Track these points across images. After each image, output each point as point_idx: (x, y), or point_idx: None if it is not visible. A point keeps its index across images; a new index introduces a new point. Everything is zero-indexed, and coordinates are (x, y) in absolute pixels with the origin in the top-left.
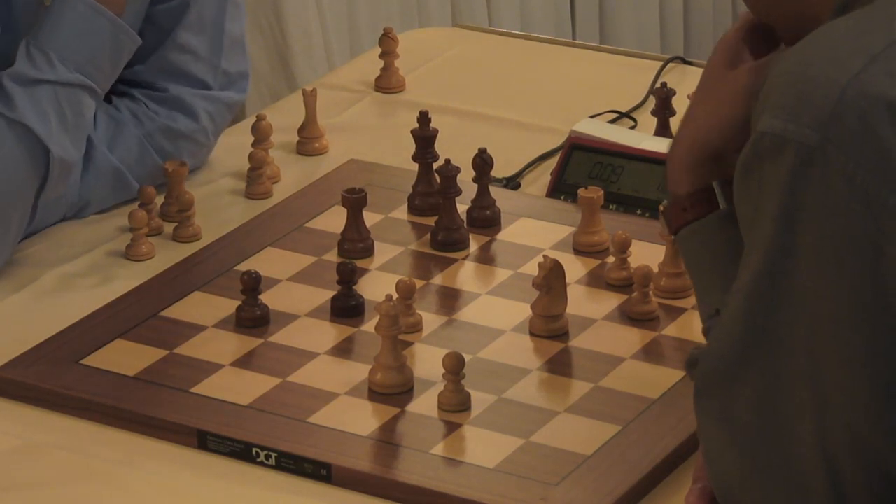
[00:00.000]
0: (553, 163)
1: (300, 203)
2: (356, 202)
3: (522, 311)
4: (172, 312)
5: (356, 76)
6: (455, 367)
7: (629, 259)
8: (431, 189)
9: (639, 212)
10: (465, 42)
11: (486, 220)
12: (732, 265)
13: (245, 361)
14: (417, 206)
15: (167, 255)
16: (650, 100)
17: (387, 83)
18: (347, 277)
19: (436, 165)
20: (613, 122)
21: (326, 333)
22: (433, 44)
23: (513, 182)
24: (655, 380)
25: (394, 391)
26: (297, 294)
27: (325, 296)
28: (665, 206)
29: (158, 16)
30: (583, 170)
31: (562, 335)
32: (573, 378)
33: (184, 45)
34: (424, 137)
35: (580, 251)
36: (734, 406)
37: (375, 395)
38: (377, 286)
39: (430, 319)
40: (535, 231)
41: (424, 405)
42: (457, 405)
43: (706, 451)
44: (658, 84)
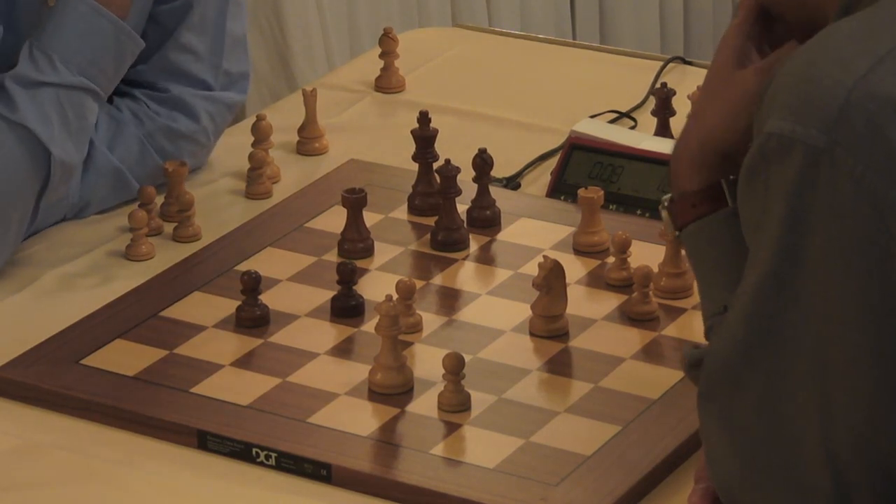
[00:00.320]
0: (553, 163)
1: (300, 203)
2: (356, 202)
3: (522, 312)
4: (172, 312)
5: (356, 76)
6: (455, 368)
7: (629, 259)
8: (431, 189)
9: (639, 212)
10: (465, 42)
11: (486, 221)
12: (738, 263)
13: (245, 361)
14: (417, 207)
15: (167, 256)
16: (650, 100)
17: (387, 83)
18: (347, 277)
19: (436, 165)
20: (613, 123)
21: (326, 333)
22: (433, 44)
23: (513, 182)
24: (655, 380)
25: (394, 391)
26: (297, 294)
27: (325, 296)
28: (669, 202)
29: (161, 16)
30: (583, 170)
31: (562, 335)
32: (573, 378)
33: (186, 46)
34: (424, 137)
35: (580, 251)
36: (737, 407)
37: (375, 396)
38: (377, 286)
39: (430, 319)
40: (535, 231)
41: (424, 405)
42: (457, 405)
43: (708, 452)
44: (658, 84)
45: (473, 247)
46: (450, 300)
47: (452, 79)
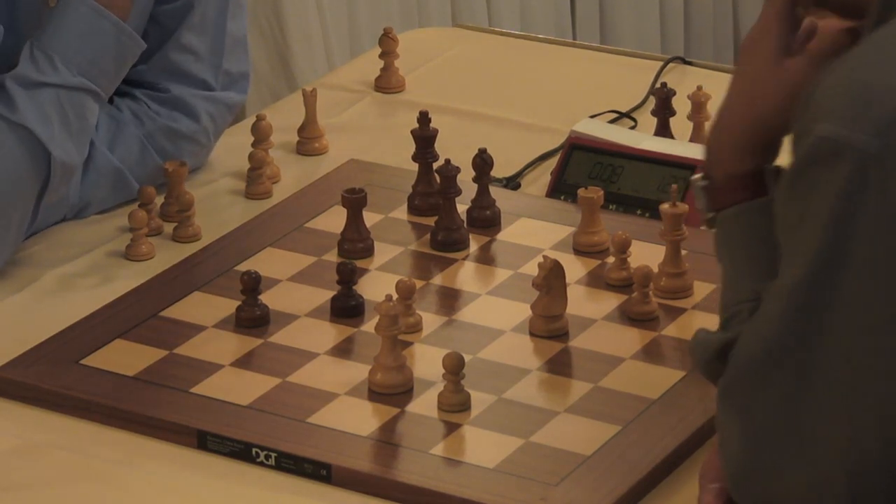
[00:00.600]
0: (553, 163)
1: (300, 203)
2: (356, 202)
3: (522, 312)
4: (172, 312)
5: (356, 76)
6: (455, 368)
7: (629, 259)
8: (431, 189)
9: (639, 212)
10: (465, 42)
11: (486, 221)
12: (772, 255)
13: (245, 361)
14: (417, 207)
15: (167, 256)
16: (650, 100)
17: (386, 83)
18: (347, 277)
19: (435, 165)
20: (613, 123)
21: (326, 333)
22: (433, 44)
23: (513, 182)
24: (655, 380)
25: (393, 391)
26: (297, 294)
27: (325, 296)
28: (706, 184)
29: (162, 16)
30: (583, 170)
31: (562, 335)
32: (573, 378)
33: (186, 46)
34: (424, 137)
35: (580, 251)
36: (760, 403)
37: (375, 396)
38: (377, 286)
39: (430, 319)
40: (535, 231)
41: (424, 405)
42: (456, 405)
43: (723, 444)
44: (658, 84)
45: (473, 247)
46: (450, 300)
47: (452, 79)
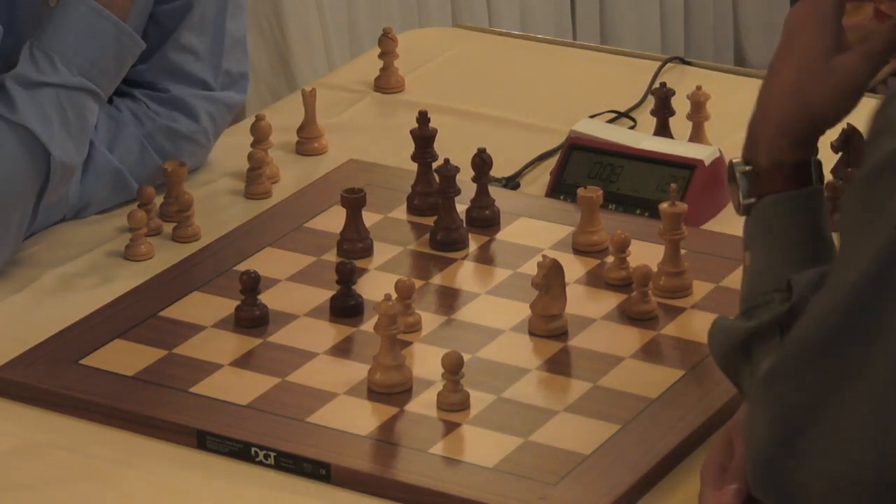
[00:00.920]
0: (552, 163)
1: (299, 203)
2: (355, 202)
3: (521, 311)
4: (171, 312)
5: (356, 76)
6: (454, 367)
7: (628, 258)
8: (430, 189)
9: (638, 211)
10: (465, 42)
11: (486, 220)
12: (810, 245)
13: (244, 361)
14: (416, 206)
15: (166, 256)
16: (649, 100)
17: (386, 83)
18: (346, 277)
19: (435, 165)
20: (612, 122)
21: (325, 333)
22: (433, 44)
23: (512, 182)
24: (654, 379)
25: (393, 391)
26: (297, 294)
27: (325, 296)
28: (749, 169)
29: (161, 16)
30: (582, 170)
31: (561, 335)
32: (572, 377)
33: (185, 46)
34: (423, 137)
35: (579, 251)
36: (800, 392)
37: (374, 395)
38: (376, 286)
39: (429, 319)
40: (535, 231)
41: (423, 404)
42: (456, 404)
43: (752, 429)
44: (656, 84)
45: (472, 246)
46: (449, 300)
47: (452, 79)
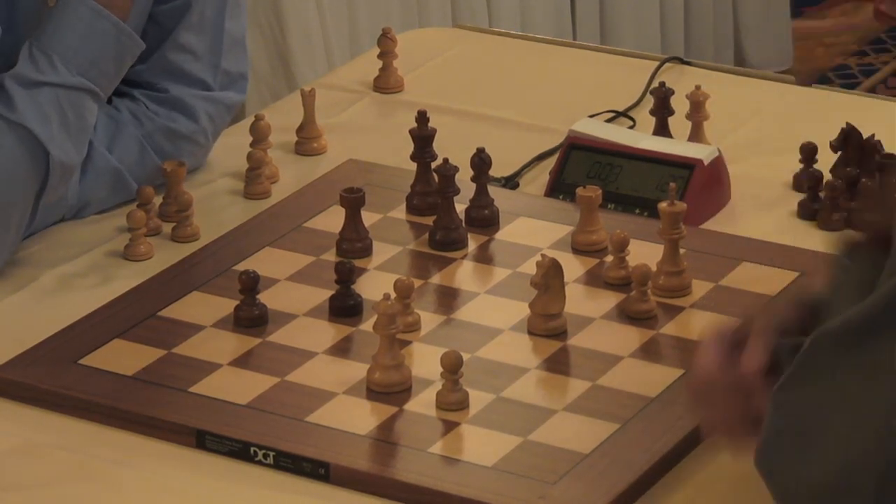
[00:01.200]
0: (551, 162)
1: (299, 203)
2: (354, 202)
3: (521, 310)
4: (171, 312)
5: (355, 76)
6: (453, 366)
7: (627, 258)
8: (430, 189)
9: (637, 211)
10: (465, 42)
11: (485, 220)
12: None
13: (243, 361)
14: (416, 206)
15: (166, 255)
16: (649, 99)
17: (385, 83)
18: (346, 277)
19: (434, 165)
20: (612, 122)
21: (325, 333)
22: (433, 44)
23: (511, 182)
24: (653, 378)
25: (392, 390)
26: (296, 294)
27: (324, 295)
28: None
29: (160, 16)
30: (581, 169)
31: (560, 334)
32: (571, 377)
33: (184, 45)
34: (423, 137)
35: (578, 250)
36: (820, 379)
37: (373, 394)
38: (375, 286)
39: (429, 318)
40: (534, 230)
41: (422, 404)
42: (455, 404)
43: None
44: (654, 84)
45: (472, 246)
46: (448, 299)
47: (452, 79)
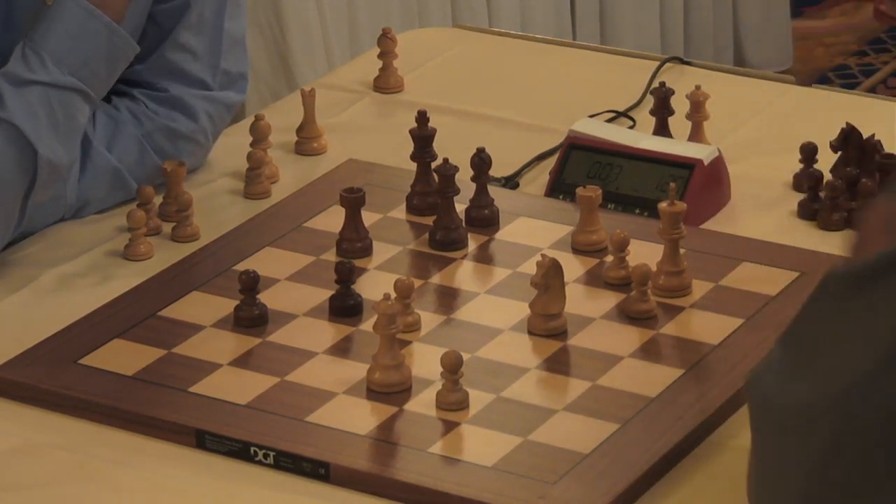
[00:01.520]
0: (551, 162)
1: (299, 203)
2: (354, 202)
3: (521, 310)
4: (171, 312)
5: (355, 76)
6: (453, 366)
7: (627, 258)
8: (430, 188)
9: (637, 211)
10: (465, 42)
11: (485, 220)
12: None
13: (243, 361)
14: (416, 206)
15: (166, 255)
16: (649, 99)
17: (385, 83)
18: (346, 277)
19: (434, 165)
20: (612, 122)
21: (325, 333)
22: (433, 44)
23: (511, 181)
24: (653, 378)
25: (392, 390)
26: (296, 293)
27: (324, 295)
28: None
29: (159, 15)
30: (581, 169)
31: (560, 334)
32: (571, 376)
33: (184, 45)
34: (423, 137)
35: (578, 250)
36: (838, 307)
37: (373, 394)
38: (375, 286)
39: (429, 318)
40: (534, 230)
41: (422, 404)
42: (455, 404)
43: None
44: (654, 84)
45: (472, 246)
46: (448, 299)
47: (451, 79)
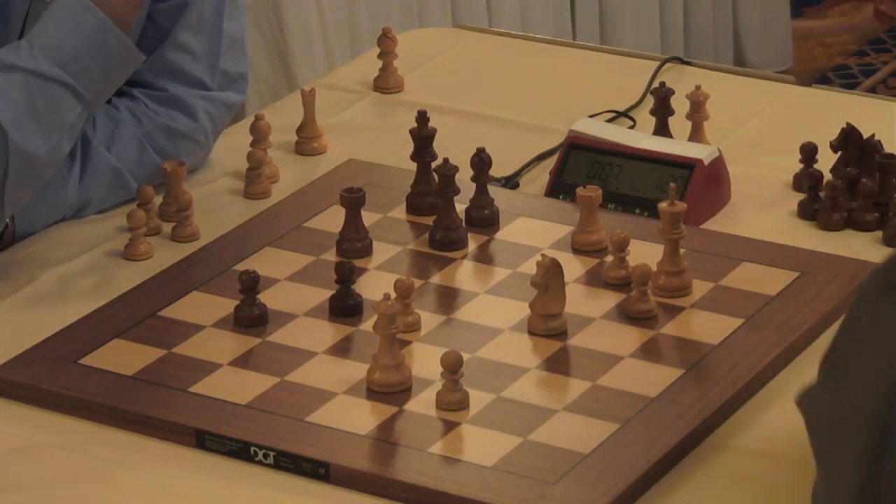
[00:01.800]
0: (551, 162)
1: (299, 203)
2: (355, 202)
3: (521, 310)
4: (171, 312)
5: (355, 76)
6: (453, 366)
7: (627, 258)
8: (430, 188)
9: (637, 211)
10: (465, 42)
11: (485, 220)
12: None
13: (243, 361)
14: (416, 206)
15: (166, 255)
16: (649, 99)
17: (385, 83)
18: (346, 277)
19: (434, 165)
20: (612, 122)
21: (325, 333)
22: (433, 44)
23: (511, 181)
24: (653, 378)
25: (392, 390)
26: (296, 293)
27: (324, 295)
28: None
29: (158, 15)
30: (581, 169)
31: (560, 334)
32: (571, 376)
33: (183, 45)
34: (422, 137)
35: (578, 250)
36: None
37: (373, 394)
38: (375, 285)
39: (429, 318)
40: (534, 230)
41: (423, 404)
42: (455, 404)
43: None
44: (655, 84)
45: (472, 246)
46: (448, 299)
47: (451, 79)
